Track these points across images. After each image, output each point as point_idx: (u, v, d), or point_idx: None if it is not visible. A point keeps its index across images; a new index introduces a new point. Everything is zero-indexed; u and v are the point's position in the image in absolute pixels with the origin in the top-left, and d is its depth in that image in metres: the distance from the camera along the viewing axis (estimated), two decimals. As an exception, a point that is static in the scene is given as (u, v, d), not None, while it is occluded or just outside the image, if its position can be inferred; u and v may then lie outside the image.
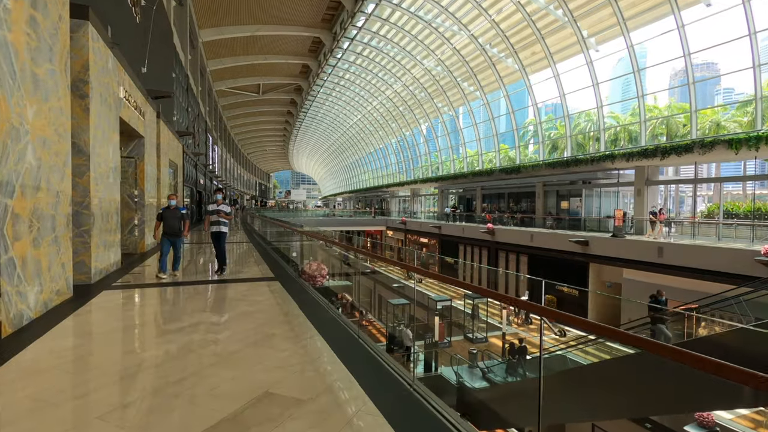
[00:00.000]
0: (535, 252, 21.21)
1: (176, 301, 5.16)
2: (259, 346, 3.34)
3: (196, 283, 6.19)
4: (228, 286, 5.98)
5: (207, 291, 5.70)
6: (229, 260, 8.75)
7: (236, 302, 4.89)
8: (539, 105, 25.91)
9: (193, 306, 4.94)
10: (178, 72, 20.77)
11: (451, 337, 16.69)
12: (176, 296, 5.42)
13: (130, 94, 8.39)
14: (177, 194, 16.54)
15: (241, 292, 5.52)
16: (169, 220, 7.06)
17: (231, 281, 6.37)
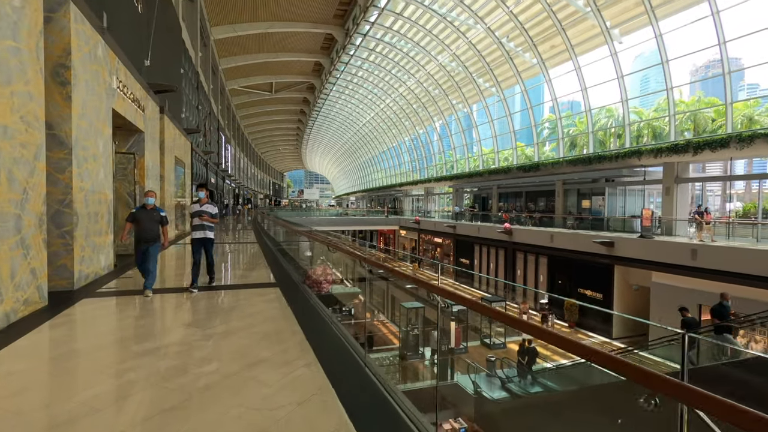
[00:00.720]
0: (555, 253, 20.23)
1: (158, 313, 4.57)
2: (240, 377, 2.70)
3: (187, 290, 5.59)
4: (222, 294, 5.38)
5: (197, 299, 5.10)
6: (229, 264, 8.20)
7: (226, 314, 4.26)
8: (550, 101, 24.85)
9: (176, 319, 4.34)
10: (187, 68, 20.43)
11: (467, 343, 15.89)
12: (160, 306, 4.83)
13: (126, 86, 7.87)
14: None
15: (236, 301, 4.90)
16: (143, 223, 5.69)
17: (226, 287, 5.77)
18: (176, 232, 13.49)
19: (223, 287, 5.78)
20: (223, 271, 7.26)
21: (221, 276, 6.71)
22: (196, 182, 21.95)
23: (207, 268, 5.97)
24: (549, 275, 20.81)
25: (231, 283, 6.11)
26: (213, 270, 6.05)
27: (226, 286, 5.89)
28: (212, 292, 5.48)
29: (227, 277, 6.63)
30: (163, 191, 11.58)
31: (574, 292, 19.12)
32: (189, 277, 5.83)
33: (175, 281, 6.49)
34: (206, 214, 6.02)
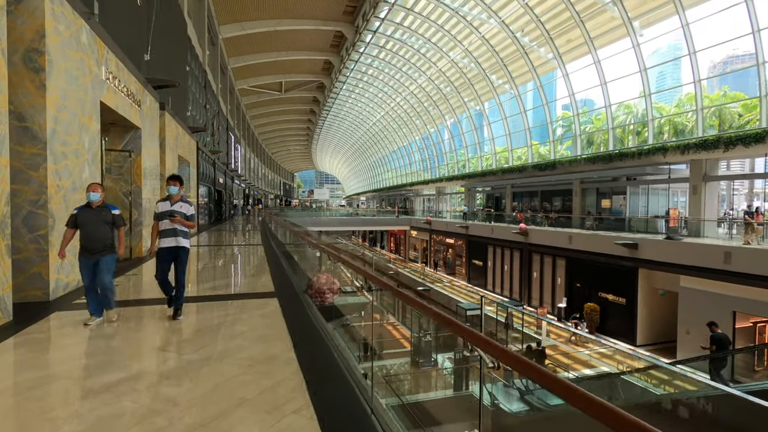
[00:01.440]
0: (573, 255, 19.34)
1: (133, 331, 3.98)
2: (209, 431, 2.07)
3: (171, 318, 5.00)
4: (210, 307, 4.76)
5: (186, 309, 4.50)
6: (227, 269, 7.62)
7: (210, 334, 3.64)
8: (561, 100, 23.89)
9: (153, 339, 3.74)
10: (194, 66, 20.04)
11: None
12: (137, 321, 4.25)
13: (119, 79, 7.33)
14: (190, 192, 15.71)
15: (225, 315, 4.29)
16: (89, 227, 4.24)
17: (217, 298, 5.16)
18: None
19: (216, 297, 5.17)
20: (218, 278, 6.68)
21: (215, 284, 6.10)
22: (206, 184, 21.58)
23: (175, 291, 4.42)
24: (567, 278, 19.92)
25: (224, 293, 5.51)
26: (182, 296, 4.39)
27: (218, 296, 5.28)
28: (201, 303, 4.87)
29: (221, 286, 6.03)
30: (163, 191, 11.06)
31: (594, 296, 18.24)
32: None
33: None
34: (178, 215, 4.56)
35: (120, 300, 4.89)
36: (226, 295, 5.25)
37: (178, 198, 4.75)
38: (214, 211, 24.26)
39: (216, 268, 7.72)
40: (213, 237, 14.61)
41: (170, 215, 4.53)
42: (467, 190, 36.73)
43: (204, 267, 7.93)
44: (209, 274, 7.03)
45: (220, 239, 14.26)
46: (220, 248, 11.58)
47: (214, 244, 12.65)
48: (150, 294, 5.47)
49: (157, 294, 5.19)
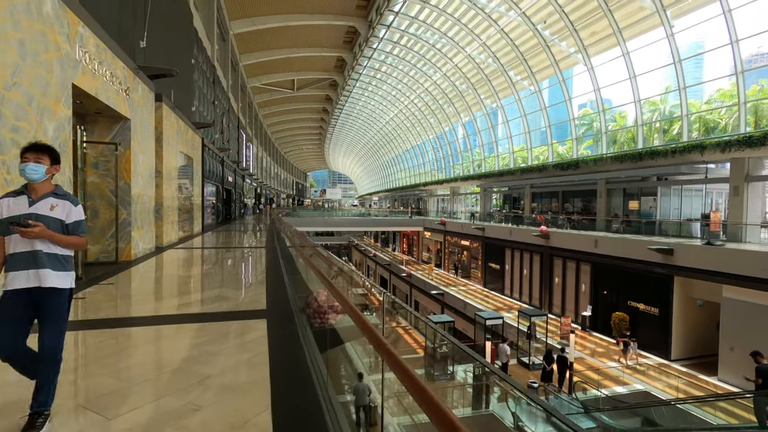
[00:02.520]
0: (599, 260, 18.07)
1: (74, 363, 3.08)
2: None
3: (139, 318, 4.10)
4: (178, 333, 3.82)
5: (143, 336, 3.59)
6: (214, 278, 6.73)
7: (168, 376, 2.70)
8: (578, 98, 22.52)
9: (93, 379, 2.83)
10: (201, 60, 19.37)
11: (502, 362, 14.02)
12: (84, 349, 3.35)
13: (100, 61, 6.50)
14: (194, 191, 14.96)
15: (192, 348, 3.34)
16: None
17: (191, 319, 4.23)
18: (178, 235, 12.23)
19: (189, 318, 4.24)
20: (202, 289, 5.78)
21: (196, 298, 5.15)
22: (214, 182, 20.86)
23: (37, 376, 2.17)
24: (592, 285, 18.64)
25: (203, 311, 4.59)
26: (49, 388, 2.16)
27: (194, 316, 4.36)
28: (170, 327, 3.95)
29: (203, 300, 5.12)
30: (160, 189, 10.30)
31: (622, 305, 16.95)
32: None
33: (141, 305, 5.03)
34: (40, 224, 2.19)
35: (80, 321, 4.03)
36: (203, 315, 4.33)
37: (48, 189, 2.35)
38: (222, 210, 23.60)
39: (205, 276, 6.83)
40: (215, 238, 13.82)
41: (21, 224, 2.14)
42: (483, 190, 35.49)
43: (190, 274, 7.05)
44: (193, 285, 6.14)
45: (222, 241, 13.44)
46: (219, 251, 10.73)
47: (214, 246, 11.84)
48: (129, 312, 4.60)
49: (139, 311, 4.33)
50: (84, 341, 3.44)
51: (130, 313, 4.36)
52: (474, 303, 23.32)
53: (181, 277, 6.61)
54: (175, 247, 10.64)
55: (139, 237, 8.45)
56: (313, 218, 44.23)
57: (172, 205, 11.33)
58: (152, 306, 4.64)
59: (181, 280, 6.42)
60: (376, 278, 47.17)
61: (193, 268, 7.63)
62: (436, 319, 13.95)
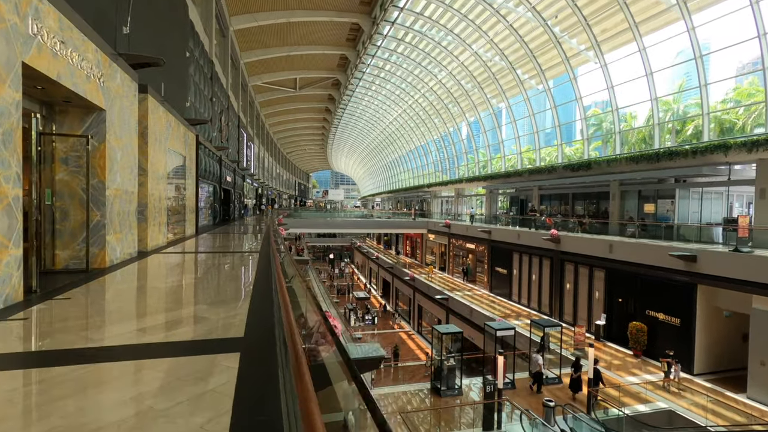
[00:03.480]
0: (614, 266, 17.14)
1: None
2: None
3: (75, 352, 3.24)
4: (123, 373, 2.93)
5: (67, 381, 2.71)
6: (189, 290, 5.86)
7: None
8: (585, 98, 21.57)
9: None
10: (198, 55, 18.58)
11: (514, 375, 13.11)
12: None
13: (64, 41, 5.66)
14: (187, 191, 14.16)
15: (137, 397, 2.48)
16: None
17: (150, 350, 3.37)
18: (167, 238, 11.40)
19: (140, 351, 3.34)
20: (170, 308, 4.89)
21: (158, 321, 4.22)
22: (211, 182, 20.10)
23: None
24: (606, 292, 17.70)
25: (165, 339, 3.71)
26: None
27: (146, 347, 3.46)
28: (110, 365, 3.07)
29: (166, 324, 4.24)
30: (145, 188, 9.46)
31: (640, 314, 16.00)
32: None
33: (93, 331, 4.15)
34: None
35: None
36: (162, 346, 3.44)
37: None
38: (219, 211, 22.79)
39: (182, 288, 5.96)
40: (208, 241, 12.98)
41: None
42: (489, 191, 34.57)
43: (166, 286, 6.18)
44: (165, 300, 5.27)
45: (214, 244, 12.59)
46: (208, 257, 9.86)
47: (204, 251, 10.98)
48: (66, 341, 3.74)
49: (80, 340, 3.48)
50: (17, 379, 2.59)
51: (68, 344, 3.50)
52: (480, 309, 22.43)
53: (154, 290, 5.74)
54: (161, 251, 9.79)
55: (116, 241, 7.61)
56: (314, 219, 43.45)
57: (159, 206, 10.49)
58: (101, 332, 3.77)
59: (152, 293, 5.55)
60: (379, 281, 46.33)
61: (172, 278, 6.77)
62: (443, 329, 13.05)
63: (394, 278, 38.33)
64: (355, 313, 33.48)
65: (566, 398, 12.01)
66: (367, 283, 51.04)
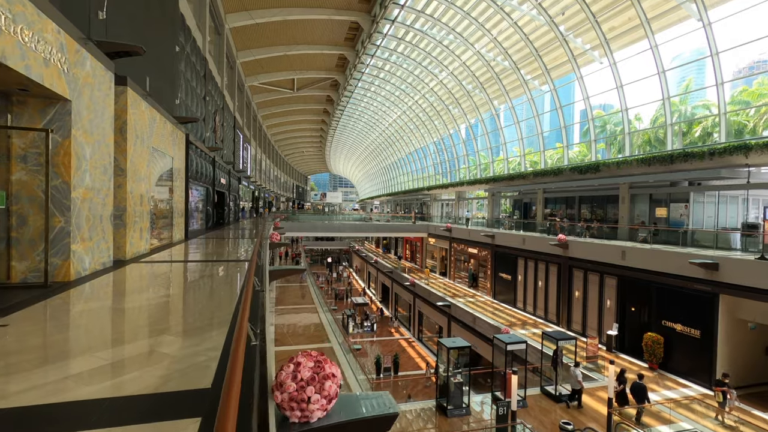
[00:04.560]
0: (627, 273, 16.29)
1: None
2: None
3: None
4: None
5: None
6: (165, 314, 4.94)
7: None
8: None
9: None
10: (190, 51, 17.71)
11: (525, 391, 12.19)
12: None
13: (11, 14, 4.79)
14: (173, 191, 13.26)
15: None
16: None
17: (75, 409, 2.50)
18: (150, 244, 10.50)
19: (66, 410, 2.48)
20: (127, 340, 4.01)
21: (102, 359, 3.28)
22: (204, 184, 19.22)
23: None
24: (618, 300, 16.84)
25: (102, 393, 2.82)
26: None
27: (76, 405, 2.59)
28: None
29: (117, 365, 3.35)
30: (123, 190, 8.58)
31: (655, 324, 15.14)
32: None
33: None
34: None
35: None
36: (95, 404, 2.56)
37: None
38: (213, 214, 21.86)
39: (150, 309, 5.02)
40: (197, 248, 12.07)
41: None
42: (491, 194, 33.74)
43: (128, 307, 5.22)
44: (124, 328, 4.36)
45: (203, 251, 11.68)
46: (192, 267, 8.95)
47: (190, 259, 10.07)
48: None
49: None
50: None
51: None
52: (484, 317, 21.54)
53: (116, 313, 4.82)
54: (142, 260, 8.87)
55: (84, 250, 6.70)
56: (312, 223, 42.51)
57: (141, 210, 9.59)
58: (17, 381, 2.86)
59: (112, 317, 4.64)
60: (378, 286, 45.36)
61: (142, 296, 5.84)
62: (450, 343, 12.11)
63: (393, 283, 37.41)
64: (354, 320, 32.52)
65: (584, 418, 11.11)
66: (366, 287, 50.09)
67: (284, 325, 27.44)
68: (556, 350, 12.49)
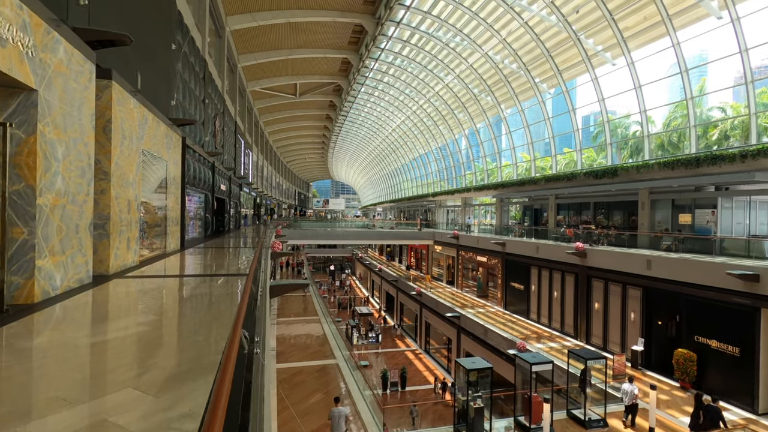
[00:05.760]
0: (653, 284, 15.23)
1: None
2: None
3: None
4: None
5: None
6: (145, 348, 3.93)
7: None
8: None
9: None
10: (188, 51, 16.89)
11: (552, 415, 11.06)
12: None
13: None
14: (167, 197, 12.34)
15: None
16: None
17: None
18: (140, 256, 9.52)
19: None
20: (65, 395, 3.02)
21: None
22: (202, 190, 18.34)
23: None
24: (644, 313, 15.76)
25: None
26: None
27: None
28: None
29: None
30: (107, 196, 7.62)
31: (686, 340, 14.04)
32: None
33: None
34: None
35: None
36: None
37: None
38: (212, 222, 20.92)
39: (118, 342, 4.03)
40: (192, 259, 11.10)
41: None
42: (499, 200, 32.74)
43: (94, 341, 4.23)
44: (75, 373, 3.36)
45: (198, 263, 10.69)
46: (181, 282, 7.95)
47: (179, 273, 9.09)
48: None
49: None
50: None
51: None
52: (496, 329, 20.46)
53: (75, 351, 3.81)
54: (128, 274, 7.88)
55: (54, 266, 5.71)
56: (315, 230, 41.54)
57: (128, 218, 8.62)
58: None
59: (69, 356, 3.63)
60: (382, 294, 44.19)
61: (115, 324, 4.83)
62: (469, 364, 11.04)
63: (398, 292, 36.31)
64: (358, 330, 31.39)
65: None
66: (369, 295, 48.96)
67: (286, 338, 26.36)
68: (585, 370, 11.40)
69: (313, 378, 18.59)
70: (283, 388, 16.65)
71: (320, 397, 16.80)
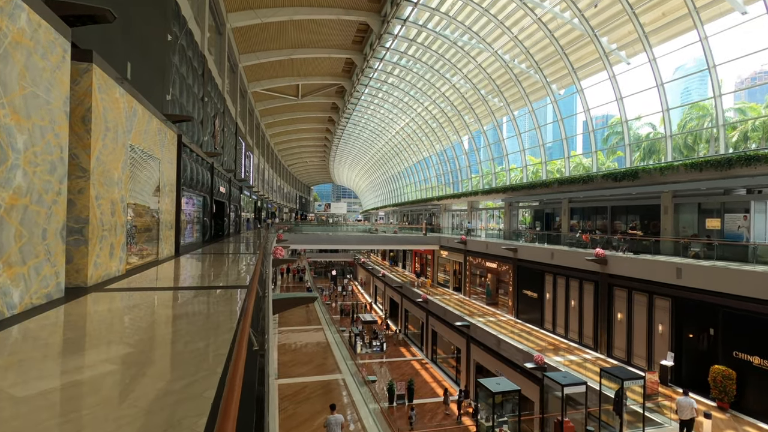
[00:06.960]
0: (684, 294, 14.15)
1: None
2: None
3: None
4: None
5: None
6: (116, 386, 2.83)
7: None
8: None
9: None
10: (186, 44, 15.92)
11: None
12: None
13: None
14: (159, 199, 11.32)
15: None
16: None
17: None
18: (126, 264, 8.47)
19: None
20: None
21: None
22: (200, 192, 17.34)
23: None
24: (673, 325, 14.65)
25: None
26: None
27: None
28: None
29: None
30: (86, 196, 6.59)
31: (724, 355, 12.94)
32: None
33: None
34: None
35: None
36: None
37: None
38: (210, 226, 19.88)
39: (69, 390, 2.95)
40: (183, 267, 10.04)
41: None
42: (508, 205, 31.69)
43: (49, 387, 3.16)
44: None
45: (193, 272, 9.62)
46: (169, 295, 6.88)
47: (169, 285, 8.04)
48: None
49: None
50: None
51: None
52: (510, 339, 19.35)
53: (14, 405, 2.74)
54: (109, 286, 6.81)
55: (12, 279, 4.66)
56: (317, 235, 40.48)
57: (112, 221, 7.57)
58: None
59: (10, 408, 2.56)
60: (385, 300, 43.04)
61: (79, 359, 3.75)
62: (494, 386, 9.94)
63: (403, 299, 35.16)
64: (362, 338, 30.24)
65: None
66: (372, 302, 47.79)
67: (288, 350, 25.24)
68: (620, 391, 10.30)
69: (317, 395, 17.50)
70: (285, 408, 15.55)
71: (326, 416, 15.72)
